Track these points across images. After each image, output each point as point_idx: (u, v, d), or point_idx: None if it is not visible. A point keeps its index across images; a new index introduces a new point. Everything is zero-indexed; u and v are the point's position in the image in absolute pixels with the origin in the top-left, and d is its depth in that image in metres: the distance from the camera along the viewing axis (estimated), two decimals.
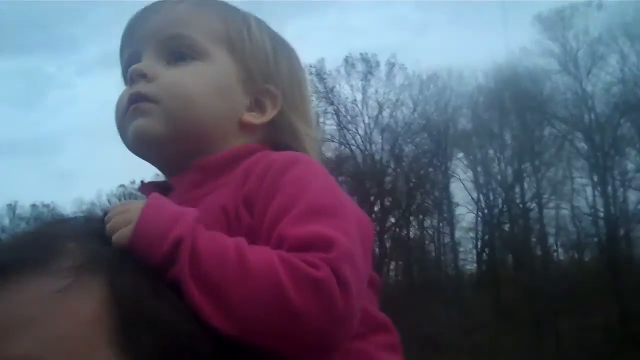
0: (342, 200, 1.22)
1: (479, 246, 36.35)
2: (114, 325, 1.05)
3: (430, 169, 36.69)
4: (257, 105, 1.41)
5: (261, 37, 1.44)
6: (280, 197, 1.17)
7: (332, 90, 36.43)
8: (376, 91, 36.43)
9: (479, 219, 36.21)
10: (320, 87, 36.01)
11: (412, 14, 54.31)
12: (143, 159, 1.42)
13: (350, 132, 36.86)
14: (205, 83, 1.35)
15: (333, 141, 36.77)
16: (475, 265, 36.90)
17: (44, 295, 1.05)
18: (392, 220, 36.05)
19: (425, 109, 36.35)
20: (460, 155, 36.73)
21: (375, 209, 35.81)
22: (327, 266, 1.05)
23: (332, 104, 36.50)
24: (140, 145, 1.37)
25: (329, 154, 39.45)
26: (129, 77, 1.37)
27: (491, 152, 36.39)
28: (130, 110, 1.34)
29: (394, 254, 36.41)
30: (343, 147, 36.71)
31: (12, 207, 41.04)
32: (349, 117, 36.72)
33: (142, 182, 1.45)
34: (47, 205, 40.76)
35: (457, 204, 36.29)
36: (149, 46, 1.39)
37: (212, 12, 1.43)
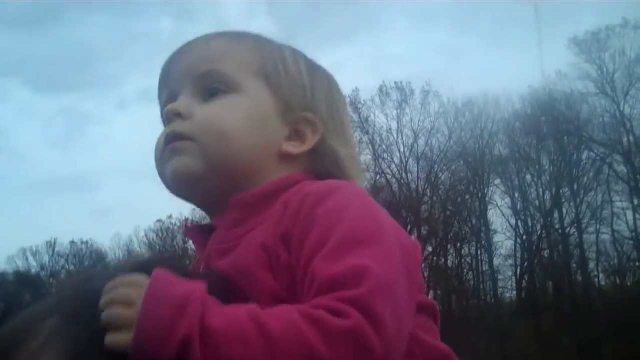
0: (382, 223, 1.16)
1: (519, 273, 36.05)
2: None
3: (467, 197, 36.68)
4: (297, 135, 1.38)
5: (297, 67, 1.42)
6: (316, 230, 1.12)
7: (367, 119, 36.73)
8: (411, 119, 36.64)
9: (518, 245, 36.05)
10: (355, 117, 36.14)
11: (446, 41, 54.42)
12: (184, 199, 1.39)
13: (386, 161, 37.15)
14: (241, 116, 1.33)
15: (369, 171, 37.25)
16: (515, 292, 36.58)
17: None
18: (430, 249, 35.77)
19: (461, 136, 36.46)
20: (498, 181, 36.64)
21: (413, 237, 36.09)
22: (354, 309, 0.99)
23: (367, 133, 36.62)
24: (179, 185, 1.35)
25: (365, 184, 39.21)
26: (165, 117, 1.36)
27: (529, 177, 36.29)
28: (167, 151, 1.33)
29: (432, 283, 35.95)
30: (379, 176, 36.81)
31: (51, 245, 41.78)
32: (384, 146, 37.02)
33: (186, 225, 1.45)
34: (85, 242, 41.55)
35: (496, 231, 36.23)
36: (185, 85, 1.38)
37: (245, 46, 1.42)
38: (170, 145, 1.32)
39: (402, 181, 36.80)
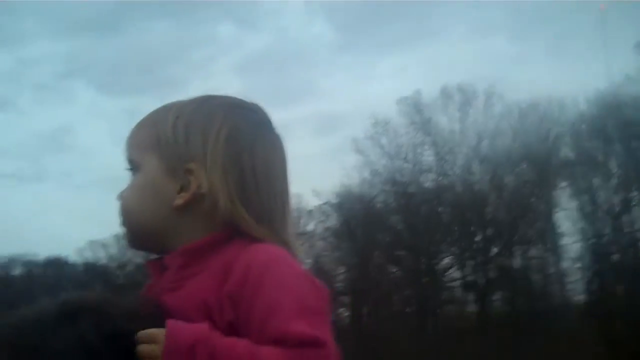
0: (316, 292, 1.46)
1: (587, 276, 36.52)
2: None
3: (533, 199, 37.25)
4: (187, 187, 1.57)
5: (174, 126, 1.60)
6: (266, 297, 1.39)
7: (429, 121, 38.18)
8: (475, 121, 37.72)
9: (586, 248, 36.46)
10: (417, 119, 38.05)
11: (507, 47, 55.12)
12: None
13: (449, 162, 38.45)
14: (135, 190, 1.60)
15: (430, 172, 38.69)
16: (583, 296, 37.09)
17: None
18: (495, 250, 36.88)
19: (526, 138, 37.10)
20: (564, 184, 37.27)
21: (476, 239, 37.25)
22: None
23: (429, 134, 38.28)
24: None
25: (427, 185, 40.84)
26: None
27: (596, 180, 36.74)
28: None
29: (497, 285, 37.16)
30: (441, 177, 38.40)
31: (119, 238, 42.14)
32: (447, 148, 38.30)
33: (147, 260, 1.66)
34: None
35: (563, 234, 36.85)
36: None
37: (146, 126, 1.65)
38: None
39: (466, 182, 37.84)
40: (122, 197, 1.64)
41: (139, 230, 1.61)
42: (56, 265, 42.85)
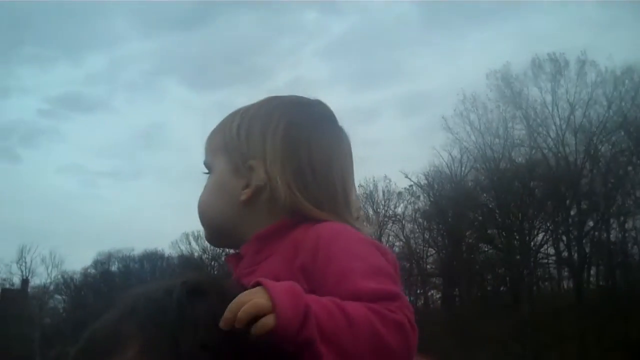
0: (383, 256, 1.53)
1: None
2: None
3: (630, 168, 36.38)
4: (251, 182, 1.65)
5: (237, 126, 1.71)
6: (336, 264, 1.46)
7: (519, 93, 37.61)
8: (567, 91, 36.92)
9: None
10: (507, 92, 37.41)
11: (596, 13, 53.21)
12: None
13: (541, 135, 37.79)
14: (208, 191, 1.72)
15: (523, 145, 38.08)
16: None
17: None
18: (591, 224, 36.20)
19: (621, 105, 36.27)
20: None
21: (572, 212, 36.45)
22: (401, 312, 1.39)
23: (520, 107, 37.67)
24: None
25: (519, 159, 39.90)
26: None
27: None
28: None
29: (594, 259, 36.68)
30: (534, 151, 37.76)
31: None
32: (539, 120, 37.65)
33: (226, 255, 1.78)
34: None
35: None
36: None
37: (215, 131, 1.77)
38: None
39: (559, 155, 37.12)
40: (199, 198, 1.75)
41: (214, 227, 1.73)
42: (152, 259, 44.84)
